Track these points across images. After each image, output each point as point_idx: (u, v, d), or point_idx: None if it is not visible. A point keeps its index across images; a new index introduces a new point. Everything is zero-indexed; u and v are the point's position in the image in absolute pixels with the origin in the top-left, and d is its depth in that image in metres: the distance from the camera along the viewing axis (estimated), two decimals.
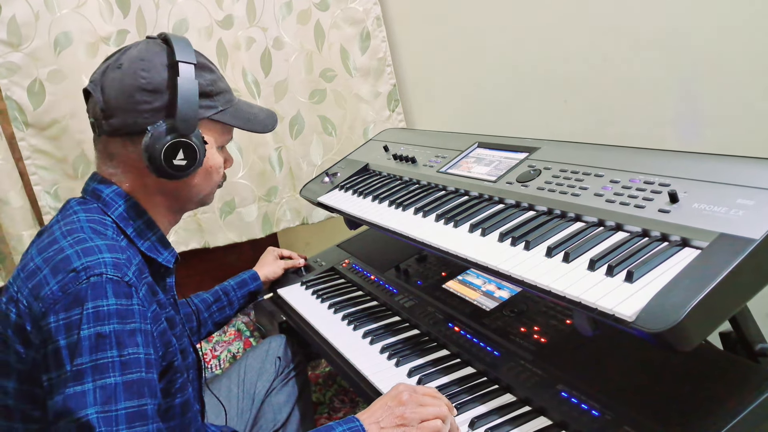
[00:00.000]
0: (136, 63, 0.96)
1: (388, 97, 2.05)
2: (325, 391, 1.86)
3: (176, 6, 1.80)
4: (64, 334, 0.81)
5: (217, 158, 1.05)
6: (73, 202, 1.00)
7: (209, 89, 1.01)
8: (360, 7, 1.96)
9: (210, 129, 1.03)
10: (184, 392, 1.01)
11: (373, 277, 1.55)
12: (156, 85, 0.95)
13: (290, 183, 2.07)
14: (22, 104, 1.69)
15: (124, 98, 0.95)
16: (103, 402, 0.79)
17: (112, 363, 0.81)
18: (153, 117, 0.95)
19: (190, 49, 0.99)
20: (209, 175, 1.05)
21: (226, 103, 1.04)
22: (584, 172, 1.03)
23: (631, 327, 0.71)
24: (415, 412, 0.91)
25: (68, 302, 0.82)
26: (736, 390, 0.83)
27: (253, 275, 1.55)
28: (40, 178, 1.77)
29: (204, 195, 1.07)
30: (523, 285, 0.88)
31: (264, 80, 1.95)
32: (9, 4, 1.62)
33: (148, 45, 1.00)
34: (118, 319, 0.83)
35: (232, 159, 1.13)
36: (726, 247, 0.73)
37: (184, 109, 0.95)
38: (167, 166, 0.95)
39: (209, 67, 1.03)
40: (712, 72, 1.16)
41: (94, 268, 0.84)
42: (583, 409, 0.90)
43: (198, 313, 1.41)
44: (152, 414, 0.84)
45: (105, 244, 0.89)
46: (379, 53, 2.01)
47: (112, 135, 0.98)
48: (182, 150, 0.95)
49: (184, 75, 0.95)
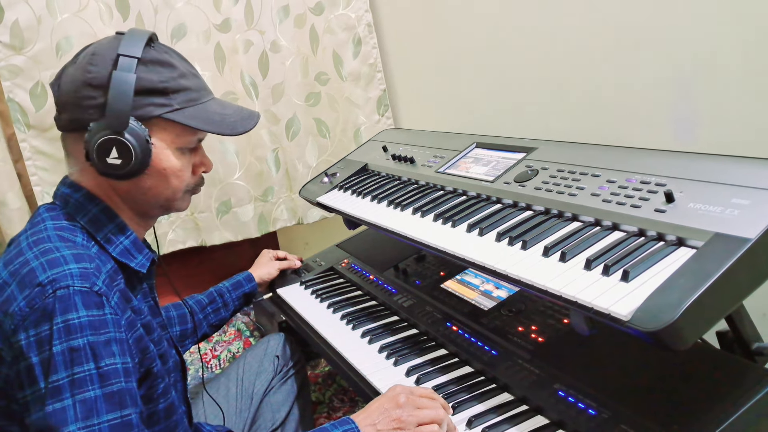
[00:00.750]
0: (87, 57, 0.93)
1: (378, 101, 2.09)
2: (325, 391, 1.87)
3: (174, 10, 1.83)
4: (35, 351, 0.79)
5: (171, 161, 0.97)
6: (42, 209, 0.97)
7: (162, 86, 0.94)
8: (352, 13, 2.00)
9: (164, 129, 0.96)
10: (167, 396, 1.00)
11: (372, 276, 1.56)
12: (101, 80, 0.91)
13: (286, 183, 2.11)
14: (25, 106, 1.70)
15: (72, 93, 0.92)
16: (84, 417, 0.78)
17: (90, 376, 0.80)
18: (97, 113, 0.91)
19: (139, 44, 0.93)
20: (165, 178, 0.98)
21: (186, 102, 0.97)
22: (581, 172, 1.03)
23: (627, 326, 0.71)
24: (411, 415, 0.91)
25: (36, 318, 0.80)
26: (733, 389, 0.83)
27: (247, 276, 1.54)
28: (41, 179, 1.78)
29: (165, 199, 1.00)
30: (520, 284, 0.88)
31: (262, 82, 1.98)
32: (12, 8, 1.63)
33: (108, 40, 0.96)
34: (91, 331, 0.81)
35: (209, 164, 1.06)
36: (721, 246, 0.73)
37: (114, 104, 0.89)
38: (101, 164, 0.91)
39: (169, 63, 0.96)
40: (709, 72, 1.17)
41: (60, 281, 0.81)
42: (580, 408, 0.91)
43: (192, 315, 1.39)
44: (137, 423, 0.83)
45: (72, 254, 0.86)
46: (369, 59, 2.05)
47: (65, 130, 0.96)
48: (115, 148, 0.89)
49: (120, 68, 0.90)
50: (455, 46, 1.78)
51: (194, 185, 1.05)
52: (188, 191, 1.04)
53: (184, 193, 1.03)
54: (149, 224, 1.06)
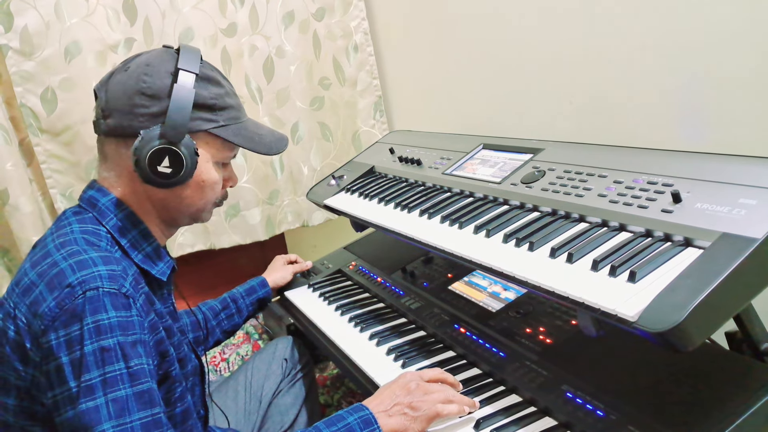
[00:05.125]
0: (141, 67, 0.96)
1: (374, 107, 2.13)
2: (333, 393, 1.87)
3: (182, 15, 1.84)
4: (65, 351, 0.81)
5: (212, 173, 1.02)
6: (69, 212, 0.99)
7: (212, 102, 0.99)
8: (350, 21, 2.04)
9: (208, 143, 1.00)
10: (184, 401, 1.01)
11: (380, 279, 1.56)
12: (156, 91, 0.94)
13: (291, 186, 2.13)
14: (36, 111, 1.72)
15: (123, 100, 0.94)
16: (117, 415, 0.79)
17: (120, 375, 0.81)
18: (149, 122, 0.94)
19: (196, 60, 0.98)
20: (201, 190, 1.02)
21: (230, 120, 1.02)
22: (588, 172, 1.03)
23: (634, 327, 0.71)
24: (422, 400, 0.95)
25: (66, 318, 0.82)
26: (742, 389, 0.83)
27: (261, 282, 1.55)
28: (56, 181, 1.81)
29: (196, 210, 1.04)
30: (527, 286, 0.88)
31: (266, 87, 2.00)
32: (21, 15, 1.64)
33: (160, 53, 1.00)
34: (120, 331, 0.83)
35: (235, 179, 1.11)
36: (728, 246, 0.73)
37: (174, 116, 0.93)
38: (151, 172, 0.93)
39: (218, 81, 1.02)
40: (716, 72, 1.16)
41: (89, 282, 0.83)
42: (588, 410, 0.91)
43: (206, 322, 1.40)
44: (166, 421, 0.85)
45: (99, 256, 0.88)
46: (366, 66, 2.09)
47: (107, 135, 0.98)
48: (168, 157, 0.93)
49: (181, 83, 0.94)
50: (457, 50, 1.78)
51: (221, 198, 1.09)
52: (215, 204, 1.08)
53: (212, 205, 1.07)
54: (172, 232, 1.09)
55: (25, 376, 0.86)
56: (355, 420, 0.93)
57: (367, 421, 0.93)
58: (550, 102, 1.53)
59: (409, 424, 0.94)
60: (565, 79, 1.47)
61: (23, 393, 0.87)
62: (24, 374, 0.86)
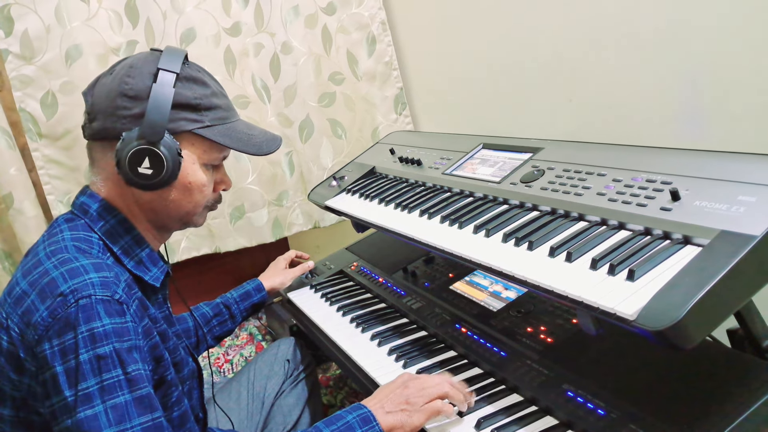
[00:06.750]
0: (124, 69, 0.95)
1: (395, 100, 2.06)
2: (336, 394, 1.87)
3: (184, 15, 1.82)
4: (60, 360, 0.80)
5: (198, 175, 1.00)
6: (61, 219, 0.99)
7: (196, 102, 0.97)
8: (365, 12, 1.97)
9: (194, 143, 0.98)
10: (181, 405, 1.01)
11: (381, 279, 1.56)
12: (137, 92, 0.93)
13: (301, 187, 2.08)
14: (36, 116, 1.72)
15: (107, 102, 0.94)
16: (117, 422, 0.79)
17: (118, 382, 0.81)
18: (131, 123, 0.93)
19: (178, 60, 0.96)
20: (189, 192, 1.00)
21: (217, 120, 1.00)
22: (587, 171, 1.03)
23: (633, 325, 0.71)
24: (418, 395, 0.97)
25: (59, 327, 0.81)
26: (744, 387, 0.82)
27: (257, 287, 1.53)
28: (54, 187, 1.80)
29: (185, 213, 1.02)
30: (526, 285, 0.88)
31: (273, 85, 1.96)
32: (21, 19, 1.65)
33: (146, 55, 0.99)
34: (116, 338, 0.82)
35: (229, 182, 1.09)
36: (727, 244, 0.73)
37: (153, 116, 0.92)
38: (132, 173, 0.92)
39: (203, 81, 1.00)
40: (714, 69, 1.16)
41: (81, 290, 0.82)
42: (589, 409, 0.91)
43: (196, 329, 1.39)
44: (166, 425, 0.85)
45: (91, 263, 0.87)
46: (385, 57, 2.02)
47: (94, 139, 0.97)
48: (148, 158, 0.91)
49: (160, 82, 0.93)
50: (467, 45, 1.77)
51: (213, 202, 1.07)
52: (207, 207, 1.06)
53: (203, 209, 1.05)
54: (165, 237, 1.08)
55: (20, 386, 0.86)
56: (354, 418, 0.94)
57: (366, 419, 0.94)
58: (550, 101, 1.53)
59: (407, 419, 0.95)
60: (564, 77, 1.47)
61: (19, 403, 0.87)
62: (19, 384, 0.86)
